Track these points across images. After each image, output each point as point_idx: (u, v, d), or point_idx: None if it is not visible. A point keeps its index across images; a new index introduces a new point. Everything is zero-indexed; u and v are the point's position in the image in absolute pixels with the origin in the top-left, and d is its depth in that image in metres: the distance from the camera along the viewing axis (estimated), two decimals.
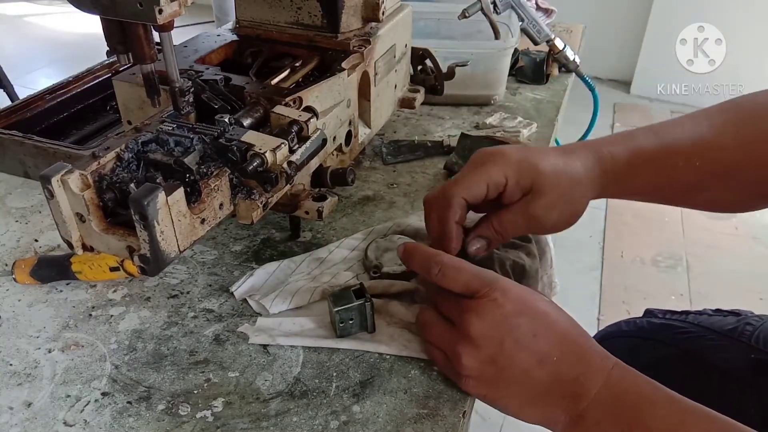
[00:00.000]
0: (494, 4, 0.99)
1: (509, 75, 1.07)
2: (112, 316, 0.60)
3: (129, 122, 0.67)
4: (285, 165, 0.53)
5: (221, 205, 0.52)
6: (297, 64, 0.72)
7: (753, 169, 0.58)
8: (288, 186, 0.56)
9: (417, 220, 0.72)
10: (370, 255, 0.65)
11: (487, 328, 0.49)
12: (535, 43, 1.04)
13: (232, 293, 0.62)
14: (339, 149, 0.72)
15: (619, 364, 0.48)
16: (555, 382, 0.47)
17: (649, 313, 0.89)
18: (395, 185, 0.81)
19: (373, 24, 0.77)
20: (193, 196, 0.50)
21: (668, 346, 0.79)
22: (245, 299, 0.61)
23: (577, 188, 0.57)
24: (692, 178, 0.60)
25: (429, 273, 0.52)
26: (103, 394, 0.52)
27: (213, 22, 3.30)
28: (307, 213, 0.62)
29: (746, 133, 0.59)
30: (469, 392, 0.51)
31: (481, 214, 0.61)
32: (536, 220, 0.57)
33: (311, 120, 0.57)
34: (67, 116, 0.92)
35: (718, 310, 0.83)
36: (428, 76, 0.91)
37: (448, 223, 0.56)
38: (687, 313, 0.84)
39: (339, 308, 0.55)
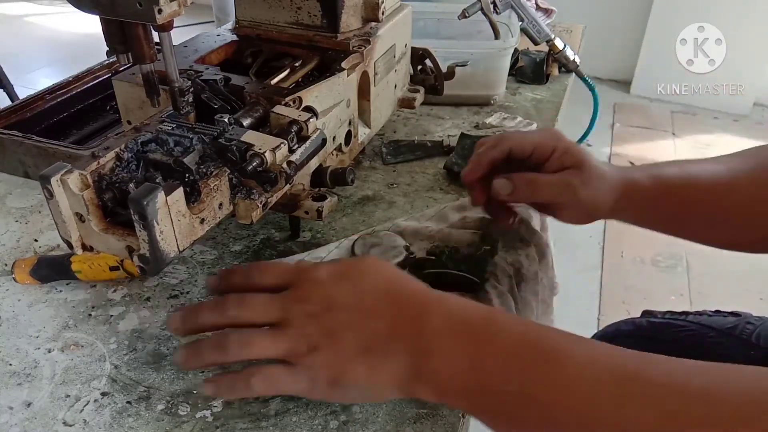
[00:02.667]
0: (494, 4, 0.99)
1: (509, 75, 1.07)
2: (111, 316, 0.60)
3: (129, 122, 0.67)
4: (284, 165, 0.53)
5: (221, 204, 0.52)
6: (297, 64, 0.72)
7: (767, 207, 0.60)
8: (288, 186, 0.56)
9: (416, 221, 0.72)
10: (357, 251, 0.65)
11: (312, 306, 0.45)
12: (535, 43, 1.04)
13: None
14: (339, 149, 0.72)
15: (453, 296, 0.46)
16: (395, 325, 0.44)
17: (647, 313, 0.88)
18: (395, 185, 0.81)
19: (373, 24, 0.77)
20: (193, 196, 0.50)
21: (668, 345, 0.79)
22: None
23: (605, 188, 0.61)
24: (708, 211, 0.62)
25: (247, 279, 0.49)
26: (103, 394, 0.52)
27: (213, 22, 3.30)
28: (306, 213, 0.62)
29: (760, 174, 0.61)
30: (325, 394, 0.44)
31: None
32: (569, 187, 0.60)
33: (311, 120, 0.57)
34: (67, 116, 0.92)
35: (717, 311, 0.83)
36: (428, 76, 0.91)
37: (485, 155, 0.63)
38: (687, 313, 0.84)
39: None
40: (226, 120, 0.54)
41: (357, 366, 0.44)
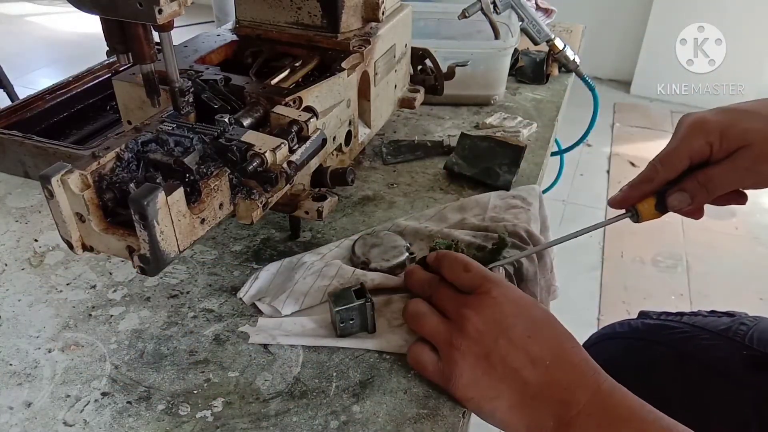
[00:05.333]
0: (494, 4, 0.99)
1: (509, 75, 1.07)
2: (112, 316, 0.60)
3: (129, 122, 0.67)
4: (285, 165, 0.53)
5: (221, 205, 0.52)
6: (297, 64, 0.72)
7: None
8: (288, 186, 0.56)
9: (416, 221, 0.72)
10: (358, 250, 0.65)
11: (484, 323, 0.49)
12: (535, 43, 1.04)
13: (233, 293, 0.62)
14: (339, 149, 0.72)
15: (610, 380, 0.48)
16: (546, 385, 0.47)
17: (643, 314, 0.89)
18: (395, 185, 0.81)
19: (373, 24, 0.77)
20: (193, 196, 0.50)
21: (662, 346, 0.79)
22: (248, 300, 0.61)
23: None
24: None
25: (440, 264, 0.56)
26: (103, 394, 0.52)
27: (213, 22, 3.31)
28: (307, 213, 0.62)
29: None
30: (457, 394, 0.50)
31: None
32: (748, 171, 0.55)
33: (311, 120, 0.57)
34: (67, 116, 0.92)
35: (712, 312, 0.83)
36: (428, 76, 0.91)
37: (637, 189, 0.58)
38: (682, 314, 0.84)
39: (339, 308, 0.55)
40: (226, 120, 0.54)
41: (499, 401, 0.48)
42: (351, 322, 0.55)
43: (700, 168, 0.57)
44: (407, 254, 0.64)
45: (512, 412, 0.48)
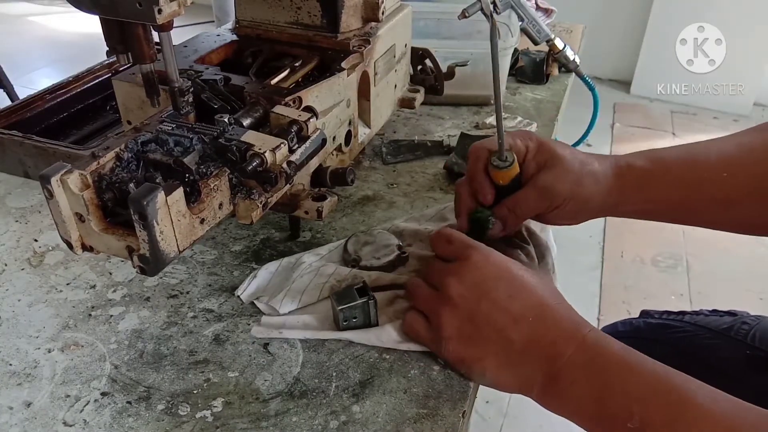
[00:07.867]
0: (494, 4, 0.99)
1: (509, 75, 1.07)
2: (111, 316, 0.60)
3: (129, 122, 0.67)
4: (284, 165, 0.53)
5: (221, 205, 0.52)
6: (297, 64, 0.71)
7: None
8: (287, 186, 0.56)
9: (416, 222, 0.72)
10: (350, 248, 0.65)
11: (465, 288, 0.51)
12: (535, 43, 1.04)
13: (233, 293, 0.62)
14: (339, 149, 0.72)
15: (594, 330, 0.49)
16: (531, 342, 0.48)
17: (645, 313, 0.89)
18: (395, 185, 0.81)
19: (373, 24, 0.77)
20: (193, 196, 0.50)
21: (664, 346, 0.79)
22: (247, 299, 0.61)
23: (589, 178, 0.59)
24: (720, 192, 0.59)
25: (431, 243, 0.59)
26: (103, 394, 0.52)
27: (213, 22, 3.31)
28: (306, 213, 0.62)
29: None
30: (449, 357, 0.52)
31: None
32: (545, 191, 0.58)
33: (311, 120, 0.57)
34: (67, 116, 0.92)
35: (714, 311, 0.83)
36: (428, 76, 0.91)
37: (479, 174, 0.61)
38: (683, 313, 0.84)
39: (342, 306, 0.55)
40: (226, 120, 0.54)
41: (488, 360, 0.50)
42: (354, 320, 0.56)
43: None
44: (398, 253, 0.64)
45: (501, 370, 0.49)
